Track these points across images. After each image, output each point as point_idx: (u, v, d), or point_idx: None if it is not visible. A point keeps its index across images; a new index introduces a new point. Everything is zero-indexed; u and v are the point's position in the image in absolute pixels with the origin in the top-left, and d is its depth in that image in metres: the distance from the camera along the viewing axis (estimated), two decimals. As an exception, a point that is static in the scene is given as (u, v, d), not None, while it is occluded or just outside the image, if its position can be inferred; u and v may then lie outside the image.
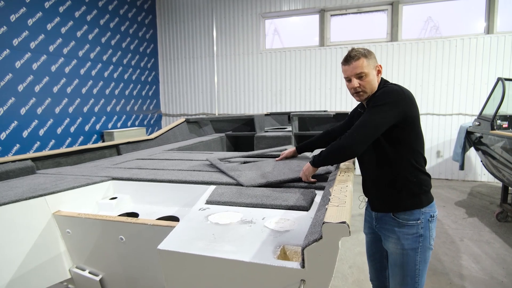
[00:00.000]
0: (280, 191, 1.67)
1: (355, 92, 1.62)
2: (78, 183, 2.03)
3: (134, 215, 2.02)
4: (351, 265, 3.21)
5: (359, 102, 1.83)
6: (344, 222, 0.88)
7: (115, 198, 2.14)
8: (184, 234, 1.25)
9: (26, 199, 1.75)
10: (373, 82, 1.60)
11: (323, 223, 0.89)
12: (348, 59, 1.59)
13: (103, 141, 6.36)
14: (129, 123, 7.29)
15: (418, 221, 1.55)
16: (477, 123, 4.39)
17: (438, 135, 6.49)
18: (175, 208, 2.04)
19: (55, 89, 5.51)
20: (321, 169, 1.92)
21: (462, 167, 4.78)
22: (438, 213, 1.85)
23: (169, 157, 2.95)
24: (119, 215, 1.97)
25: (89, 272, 1.91)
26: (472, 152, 5.97)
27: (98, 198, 2.14)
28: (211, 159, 2.50)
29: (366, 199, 1.84)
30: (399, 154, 1.55)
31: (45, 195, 1.83)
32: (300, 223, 1.29)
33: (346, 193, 1.14)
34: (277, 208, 1.45)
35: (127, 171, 2.38)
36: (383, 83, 1.64)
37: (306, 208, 1.41)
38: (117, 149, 3.23)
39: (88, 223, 1.77)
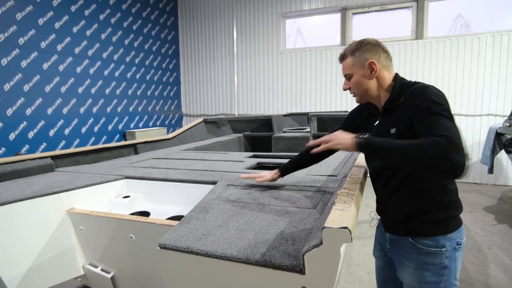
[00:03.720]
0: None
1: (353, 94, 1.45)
2: (92, 181, 2.07)
3: (146, 214, 2.03)
4: (369, 271, 3.10)
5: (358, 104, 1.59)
6: (345, 228, 0.82)
7: (128, 196, 2.16)
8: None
9: (41, 196, 1.79)
10: (362, 84, 1.37)
11: (323, 227, 0.84)
12: (339, 59, 1.46)
13: (125, 141, 6.51)
14: (150, 123, 7.42)
15: (443, 249, 1.26)
16: (507, 124, 4.15)
17: (466, 137, 6.19)
18: (186, 208, 2.04)
19: (80, 90, 5.69)
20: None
21: (491, 171, 4.54)
22: (464, 219, 1.52)
23: (184, 156, 2.96)
24: (131, 214, 1.99)
25: (101, 269, 1.94)
26: (502, 155, 5.66)
27: (111, 196, 2.17)
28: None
29: (379, 217, 1.56)
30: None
31: (59, 192, 1.87)
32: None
33: (354, 196, 1.07)
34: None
35: (141, 170, 2.40)
36: (399, 81, 1.35)
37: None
38: (134, 149, 3.29)
39: (99, 221, 1.79)
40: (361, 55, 1.35)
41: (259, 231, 1.21)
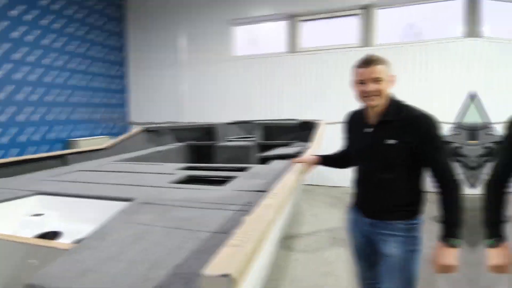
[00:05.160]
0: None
1: (367, 96, 1.61)
2: (-4, 199, 1.91)
3: (57, 234, 1.90)
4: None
5: (352, 114, 1.90)
6: (226, 275, 0.66)
7: (41, 214, 2.02)
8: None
9: None
10: (386, 91, 1.63)
11: (200, 274, 0.70)
12: (368, 62, 1.60)
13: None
14: (99, 132, 7.11)
15: (419, 224, 1.65)
16: (455, 132, 4.20)
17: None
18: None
19: (20, 97, 5.35)
20: None
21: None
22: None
23: (114, 169, 2.82)
24: (40, 235, 1.85)
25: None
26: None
27: (22, 214, 2.01)
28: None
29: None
30: (420, 176, 1.66)
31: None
32: None
33: (260, 226, 0.94)
34: None
35: (59, 184, 2.26)
36: (393, 98, 1.68)
37: None
38: (64, 160, 3.07)
39: (-2, 244, 1.64)
40: (388, 66, 1.61)
41: (154, 264, 1.08)
